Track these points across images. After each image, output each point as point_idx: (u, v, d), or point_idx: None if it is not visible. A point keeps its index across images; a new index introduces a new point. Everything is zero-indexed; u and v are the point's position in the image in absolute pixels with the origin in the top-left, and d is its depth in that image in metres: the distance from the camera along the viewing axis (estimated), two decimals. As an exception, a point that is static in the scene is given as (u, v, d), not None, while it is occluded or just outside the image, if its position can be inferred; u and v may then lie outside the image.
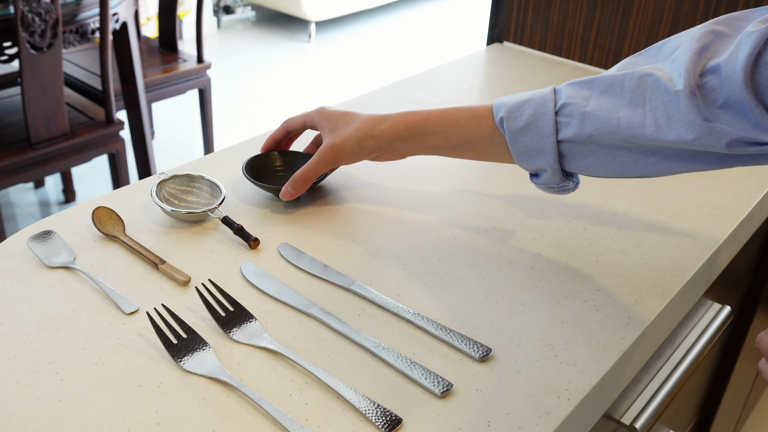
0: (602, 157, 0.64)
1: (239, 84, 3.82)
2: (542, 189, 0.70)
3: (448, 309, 0.67)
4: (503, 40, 1.38)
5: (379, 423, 0.55)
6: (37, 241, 0.74)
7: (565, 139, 0.64)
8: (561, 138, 0.64)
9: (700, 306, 0.92)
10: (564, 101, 0.64)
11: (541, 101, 0.65)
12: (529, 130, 0.66)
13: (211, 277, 0.70)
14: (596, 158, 0.65)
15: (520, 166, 0.69)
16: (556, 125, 0.64)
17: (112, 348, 0.62)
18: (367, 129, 0.76)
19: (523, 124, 0.66)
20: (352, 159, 0.78)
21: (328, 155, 0.77)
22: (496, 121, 0.69)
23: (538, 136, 0.65)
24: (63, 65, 1.85)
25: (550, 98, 0.65)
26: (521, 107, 0.66)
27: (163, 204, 0.78)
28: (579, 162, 0.66)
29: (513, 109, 0.67)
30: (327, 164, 0.78)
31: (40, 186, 2.73)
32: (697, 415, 1.32)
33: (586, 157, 0.65)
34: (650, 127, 0.59)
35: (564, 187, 0.69)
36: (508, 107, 0.67)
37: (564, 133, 0.64)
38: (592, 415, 0.63)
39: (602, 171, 0.66)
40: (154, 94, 2.39)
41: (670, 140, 0.59)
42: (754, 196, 0.87)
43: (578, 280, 0.72)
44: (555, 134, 0.64)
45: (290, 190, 0.79)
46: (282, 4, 4.50)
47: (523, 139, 0.66)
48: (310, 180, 0.79)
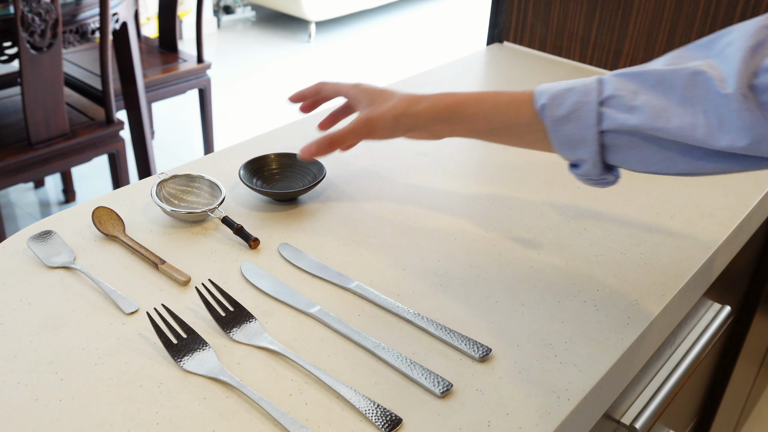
0: (646, 151, 0.62)
1: (239, 84, 3.82)
2: (581, 180, 0.68)
3: (448, 309, 0.67)
4: (503, 40, 1.37)
5: (379, 423, 0.55)
6: (37, 241, 0.74)
7: (609, 131, 0.62)
8: (604, 128, 0.62)
9: (700, 306, 0.92)
10: (610, 93, 0.62)
11: (584, 90, 0.63)
12: (571, 119, 0.64)
13: (211, 277, 0.70)
14: (640, 152, 0.63)
15: (560, 155, 0.67)
16: (600, 116, 0.62)
17: (112, 348, 0.62)
18: (404, 107, 0.74)
19: (565, 112, 0.64)
20: (385, 135, 0.75)
21: (362, 127, 0.75)
22: (536, 108, 0.67)
23: (580, 125, 0.63)
24: (63, 65, 1.85)
25: (594, 88, 0.63)
26: (564, 95, 0.64)
27: (163, 204, 0.78)
28: (621, 155, 0.64)
29: (555, 96, 0.65)
30: (359, 135, 0.75)
31: (40, 186, 2.73)
32: (697, 415, 1.32)
33: (629, 151, 0.63)
34: (701, 130, 0.57)
35: (604, 180, 0.67)
36: (551, 94, 0.65)
37: (607, 125, 0.62)
38: (592, 415, 0.63)
39: (645, 166, 0.64)
40: (154, 94, 2.39)
41: (721, 146, 0.57)
42: (754, 197, 0.87)
43: (578, 280, 0.72)
44: (597, 125, 0.62)
45: (312, 148, 0.76)
46: (282, 4, 4.50)
47: (565, 128, 0.64)
48: (337, 145, 0.76)
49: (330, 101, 0.86)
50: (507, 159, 0.94)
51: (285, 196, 0.82)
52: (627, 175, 0.91)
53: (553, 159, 0.94)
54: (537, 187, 0.88)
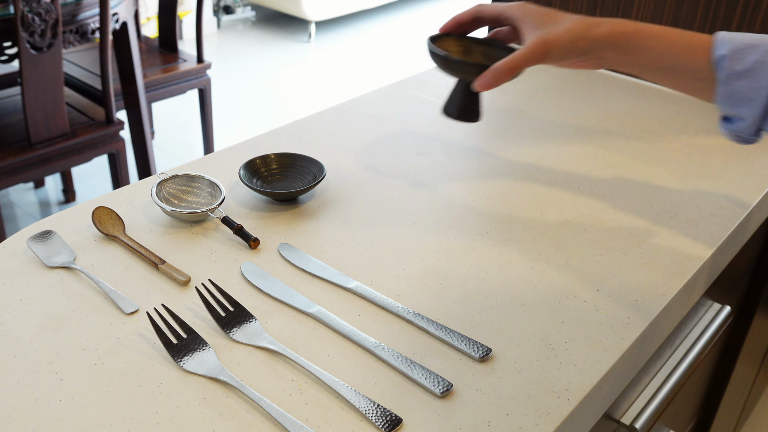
0: None
1: (239, 84, 3.82)
2: (726, 135, 0.68)
3: (448, 309, 0.67)
4: (503, 40, 1.37)
5: (379, 423, 0.55)
6: (37, 241, 0.74)
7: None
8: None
9: (700, 306, 0.92)
10: None
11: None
12: (746, 76, 0.63)
13: (211, 277, 0.70)
14: None
15: (720, 107, 0.66)
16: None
17: (112, 348, 0.62)
18: (583, 29, 0.71)
19: (743, 68, 0.63)
20: (561, 58, 0.72)
21: (538, 49, 0.71)
22: (713, 57, 0.65)
23: (754, 84, 0.63)
24: (63, 65, 1.85)
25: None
26: (746, 50, 0.63)
27: (163, 204, 0.78)
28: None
29: (738, 50, 0.64)
30: (536, 58, 0.72)
31: (40, 186, 2.73)
32: (697, 415, 1.32)
33: None
34: None
35: (752, 140, 0.66)
36: (733, 47, 0.64)
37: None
38: (592, 415, 0.63)
39: None
40: (154, 94, 2.39)
41: None
42: (754, 196, 0.87)
43: (578, 280, 0.72)
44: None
45: (488, 79, 0.73)
46: (282, 4, 4.50)
47: (738, 84, 0.64)
48: (513, 72, 0.73)
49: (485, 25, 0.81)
50: (507, 159, 0.94)
51: (285, 196, 0.82)
52: (626, 175, 0.91)
53: (552, 159, 0.94)
54: (537, 187, 0.88)
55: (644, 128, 1.04)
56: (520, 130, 1.02)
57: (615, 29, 0.70)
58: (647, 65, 0.70)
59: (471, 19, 0.79)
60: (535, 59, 0.72)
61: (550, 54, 0.71)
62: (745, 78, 0.63)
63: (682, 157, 0.95)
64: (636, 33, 0.69)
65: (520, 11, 0.75)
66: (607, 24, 0.70)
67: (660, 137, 1.01)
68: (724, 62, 0.64)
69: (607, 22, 0.70)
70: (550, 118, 1.07)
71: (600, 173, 0.91)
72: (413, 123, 1.03)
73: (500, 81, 0.73)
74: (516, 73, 0.73)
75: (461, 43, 0.81)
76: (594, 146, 0.98)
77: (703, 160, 0.95)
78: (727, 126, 0.67)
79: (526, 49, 0.72)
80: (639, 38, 0.69)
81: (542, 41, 0.71)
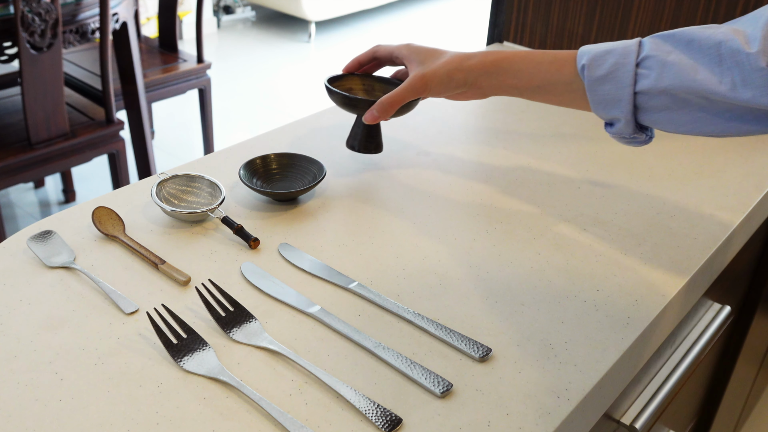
0: (676, 112, 0.66)
1: (239, 84, 3.82)
2: (615, 138, 0.72)
3: (448, 309, 0.67)
4: (503, 40, 1.37)
5: (379, 423, 0.55)
6: (37, 241, 0.74)
7: (642, 91, 0.66)
8: (638, 90, 0.66)
9: (700, 306, 0.92)
10: (646, 53, 0.65)
11: (624, 52, 0.66)
12: (608, 80, 0.67)
13: (211, 277, 0.70)
14: (670, 113, 0.66)
15: (596, 113, 0.70)
16: (635, 77, 0.66)
17: (112, 348, 0.62)
18: (457, 63, 0.78)
19: (603, 72, 0.67)
20: (440, 91, 0.79)
21: (417, 83, 0.78)
22: (578, 68, 0.70)
23: (616, 86, 0.67)
24: (63, 65, 1.85)
25: (633, 49, 0.66)
26: (604, 56, 0.67)
27: (163, 204, 0.78)
28: (653, 115, 0.67)
29: (596, 57, 0.68)
30: (415, 92, 0.79)
31: (40, 186, 2.73)
32: (697, 415, 1.32)
33: (660, 111, 0.66)
34: (725, 85, 0.61)
35: (636, 138, 0.70)
36: (591, 55, 0.68)
37: (641, 85, 0.65)
38: (592, 415, 0.63)
39: (674, 126, 0.67)
40: (154, 94, 2.39)
41: (744, 99, 0.60)
42: (754, 196, 0.87)
43: (578, 280, 0.72)
44: (633, 85, 0.66)
45: (375, 113, 0.81)
46: (282, 4, 4.50)
47: (602, 88, 0.68)
48: (396, 105, 0.80)
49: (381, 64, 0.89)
50: (507, 159, 0.94)
51: (285, 196, 0.82)
52: (626, 175, 0.91)
53: (552, 159, 0.94)
54: (536, 187, 0.88)
55: (644, 128, 1.04)
56: (520, 130, 1.02)
57: (485, 59, 0.76)
58: (522, 87, 0.75)
59: (369, 59, 0.88)
60: (416, 92, 0.79)
61: (429, 86, 0.79)
62: (607, 82, 0.67)
63: (682, 157, 0.95)
64: (504, 59, 0.76)
65: (407, 50, 0.83)
66: (479, 55, 0.77)
67: (660, 137, 1.01)
68: (586, 71, 0.68)
69: (478, 54, 0.77)
70: (550, 118, 1.07)
71: (600, 173, 0.91)
72: (413, 123, 1.03)
73: (386, 114, 0.81)
74: (398, 106, 0.80)
75: (364, 81, 0.91)
76: (594, 146, 0.98)
77: (703, 160, 0.95)
78: (610, 130, 0.71)
79: (406, 84, 0.79)
80: (507, 63, 0.75)
81: (421, 76, 0.79)
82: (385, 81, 0.91)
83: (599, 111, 0.69)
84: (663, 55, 0.64)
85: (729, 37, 0.61)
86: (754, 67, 0.59)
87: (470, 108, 1.10)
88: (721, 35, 0.62)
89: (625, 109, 0.67)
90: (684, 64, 0.63)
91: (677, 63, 0.63)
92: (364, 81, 0.91)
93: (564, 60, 0.72)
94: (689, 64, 0.63)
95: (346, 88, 0.90)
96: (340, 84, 0.90)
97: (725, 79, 0.61)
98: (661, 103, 0.66)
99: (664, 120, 0.67)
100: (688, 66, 0.63)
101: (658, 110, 0.66)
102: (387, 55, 0.86)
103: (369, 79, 0.91)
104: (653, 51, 0.65)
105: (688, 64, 0.63)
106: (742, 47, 0.60)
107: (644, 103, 0.66)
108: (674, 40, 0.64)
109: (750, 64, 0.59)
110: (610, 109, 0.68)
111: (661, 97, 0.65)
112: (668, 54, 0.64)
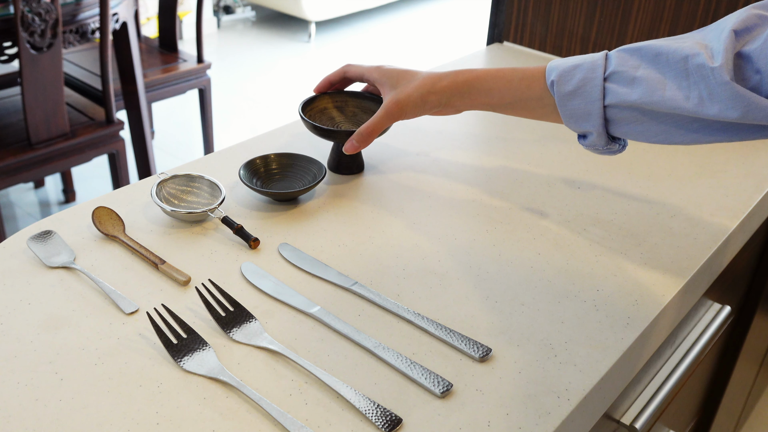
0: (645, 124, 0.66)
1: (239, 84, 3.82)
2: (589, 150, 0.73)
3: (448, 309, 0.67)
4: (503, 40, 1.38)
5: (379, 423, 0.55)
6: (37, 241, 0.74)
7: (612, 105, 0.67)
8: (608, 104, 0.67)
9: (700, 306, 0.92)
10: (614, 68, 0.66)
11: (591, 66, 0.67)
12: (577, 95, 0.68)
13: (211, 277, 0.70)
14: (640, 125, 0.67)
15: (568, 127, 0.71)
16: (604, 91, 0.67)
17: (112, 348, 0.62)
18: (429, 85, 0.78)
19: (572, 88, 0.68)
20: (415, 113, 0.80)
21: (392, 109, 0.79)
22: (547, 84, 0.71)
23: (586, 100, 0.68)
24: (63, 65, 1.85)
25: (600, 64, 0.67)
26: (572, 71, 0.68)
27: (163, 204, 0.78)
28: (623, 128, 0.68)
29: (564, 72, 0.69)
30: (391, 118, 0.80)
31: (40, 186, 2.73)
32: (697, 415, 1.32)
33: (630, 124, 0.67)
34: (693, 101, 0.62)
35: (610, 149, 0.71)
36: (560, 71, 0.69)
37: (610, 99, 0.66)
38: (592, 415, 0.63)
39: (645, 137, 0.68)
40: (154, 94, 2.39)
41: (711, 114, 0.61)
42: (754, 196, 0.87)
43: (578, 280, 0.72)
44: (602, 99, 0.67)
45: (354, 143, 0.81)
46: (282, 4, 4.50)
47: (572, 103, 0.69)
48: (375, 134, 0.81)
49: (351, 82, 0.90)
50: (507, 159, 0.94)
51: (285, 196, 0.82)
52: (626, 175, 0.91)
53: (552, 159, 0.94)
54: (537, 187, 0.88)
55: (644, 128, 1.04)
56: (520, 131, 1.02)
57: (456, 80, 0.77)
58: (495, 104, 0.76)
59: (340, 78, 0.89)
60: (392, 118, 0.80)
61: (404, 111, 0.79)
62: (577, 96, 0.68)
63: (682, 157, 0.95)
64: (475, 79, 0.77)
65: (377, 74, 0.84)
66: (449, 77, 0.78)
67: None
68: (555, 87, 0.69)
69: (449, 75, 0.78)
70: (550, 118, 1.06)
71: (600, 173, 0.91)
72: (413, 123, 1.03)
73: (366, 143, 0.81)
74: (376, 135, 0.81)
75: (336, 98, 0.92)
76: (594, 146, 0.98)
77: (703, 160, 0.95)
78: (583, 142, 0.72)
79: (382, 111, 0.80)
80: (478, 83, 0.76)
81: (395, 102, 0.79)
82: (357, 95, 0.92)
83: (571, 124, 0.70)
84: (631, 70, 0.65)
85: (695, 51, 0.62)
86: (719, 81, 0.59)
87: (470, 108, 1.10)
88: (687, 49, 0.62)
89: (596, 122, 0.68)
90: (652, 79, 0.64)
91: (645, 78, 0.64)
92: (335, 98, 0.92)
93: (533, 76, 0.73)
94: (657, 78, 0.63)
95: (319, 109, 0.91)
96: (313, 105, 0.90)
97: (692, 94, 0.62)
98: (631, 116, 0.66)
99: (635, 132, 0.68)
100: (655, 81, 0.63)
101: (628, 122, 0.67)
102: (358, 77, 0.87)
103: (341, 95, 0.92)
104: (621, 66, 0.66)
105: (655, 79, 0.64)
106: (707, 62, 0.60)
107: (614, 116, 0.67)
108: (641, 54, 0.65)
109: (715, 78, 0.60)
110: (582, 122, 0.69)
111: (630, 110, 0.66)
112: (636, 69, 0.65)
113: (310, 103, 0.90)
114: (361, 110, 0.92)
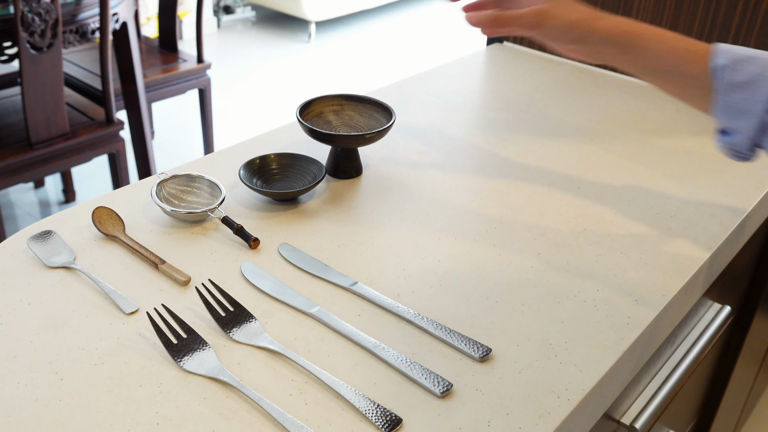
0: None
1: (239, 84, 3.82)
2: (722, 149, 0.68)
3: (448, 309, 0.67)
4: (503, 40, 1.37)
5: (379, 423, 0.55)
6: (37, 241, 0.74)
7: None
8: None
9: (700, 306, 0.92)
10: None
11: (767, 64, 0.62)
12: (745, 88, 0.63)
13: (211, 277, 0.70)
14: None
15: (716, 118, 0.66)
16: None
17: (112, 348, 0.62)
18: (584, 17, 0.69)
19: (742, 79, 0.63)
20: (551, 35, 0.70)
21: (533, 17, 0.69)
22: (710, 65, 0.65)
23: (751, 97, 0.62)
24: (63, 65, 1.85)
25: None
26: (746, 62, 0.63)
27: (163, 204, 0.78)
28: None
29: (737, 61, 0.64)
30: (526, 25, 0.70)
31: (40, 186, 2.73)
32: (697, 415, 1.32)
33: None
34: None
35: (748, 156, 0.66)
36: (732, 57, 0.64)
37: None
38: (592, 415, 0.63)
39: None
40: (154, 94, 2.39)
41: None
42: (754, 196, 0.87)
43: (578, 280, 0.72)
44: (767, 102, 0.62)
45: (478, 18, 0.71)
46: (282, 4, 4.50)
47: (735, 95, 0.63)
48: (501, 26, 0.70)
49: None
50: (507, 159, 0.94)
51: (285, 196, 0.82)
52: (626, 175, 0.91)
53: (552, 159, 0.94)
54: (537, 187, 0.88)
55: (644, 129, 1.04)
56: (520, 131, 1.02)
57: (616, 26, 0.69)
58: (646, 67, 0.69)
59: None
60: (526, 25, 0.70)
61: (542, 25, 0.70)
62: (743, 90, 0.63)
63: (682, 158, 0.95)
64: (637, 33, 0.68)
65: None
66: (610, 20, 0.69)
67: (660, 138, 1.01)
68: (724, 72, 0.64)
69: (611, 18, 0.70)
70: (550, 118, 1.07)
71: (600, 173, 0.91)
72: (413, 123, 1.03)
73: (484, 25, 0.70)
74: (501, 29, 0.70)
75: (334, 102, 0.92)
76: (594, 146, 0.98)
77: (703, 160, 0.95)
78: (723, 139, 0.67)
79: (522, 11, 0.70)
80: (639, 39, 0.68)
81: (539, 10, 0.69)
82: (355, 99, 0.92)
83: (722, 116, 0.65)
84: None
85: None
86: None
87: (470, 108, 1.10)
88: None
89: (753, 123, 0.63)
90: None
91: None
92: (333, 102, 0.92)
93: (698, 52, 0.66)
94: None
95: (316, 113, 0.91)
96: (309, 109, 0.91)
97: None
98: None
99: None
100: None
101: None
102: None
103: (338, 99, 0.92)
104: None
105: None
106: None
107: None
108: None
109: None
110: (736, 118, 0.64)
111: None
112: None
113: (307, 107, 0.90)
114: (358, 114, 0.92)
